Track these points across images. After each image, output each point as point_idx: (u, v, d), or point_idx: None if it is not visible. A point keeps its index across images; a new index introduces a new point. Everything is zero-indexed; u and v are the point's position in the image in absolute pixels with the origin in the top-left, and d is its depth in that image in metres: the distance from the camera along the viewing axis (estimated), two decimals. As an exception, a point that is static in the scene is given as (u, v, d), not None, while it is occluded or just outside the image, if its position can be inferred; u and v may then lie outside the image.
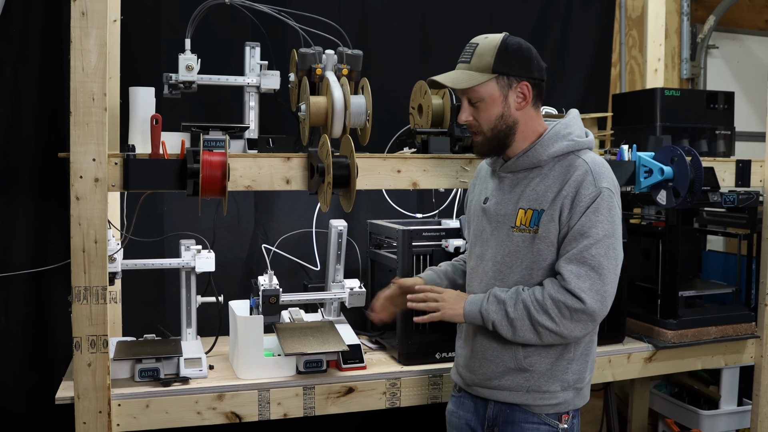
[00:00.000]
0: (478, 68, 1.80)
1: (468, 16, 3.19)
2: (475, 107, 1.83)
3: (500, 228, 1.86)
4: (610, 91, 3.59)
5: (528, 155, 1.83)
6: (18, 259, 2.59)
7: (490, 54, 1.78)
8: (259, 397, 2.21)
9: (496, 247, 1.86)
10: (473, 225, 1.98)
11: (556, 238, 1.78)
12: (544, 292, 1.75)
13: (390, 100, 2.88)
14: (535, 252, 1.80)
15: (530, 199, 1.81)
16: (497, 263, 1.85)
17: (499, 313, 1.79)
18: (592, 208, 1.74)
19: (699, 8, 3.91)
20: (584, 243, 1.73)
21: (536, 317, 1.75)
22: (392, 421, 3.02)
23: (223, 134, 2.21)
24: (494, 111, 1.81)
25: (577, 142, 1.83)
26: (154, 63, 2.72)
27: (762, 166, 2.85)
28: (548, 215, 1.78)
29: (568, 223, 1.76)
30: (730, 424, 3.21)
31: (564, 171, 1.80)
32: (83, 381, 1.99)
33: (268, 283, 2.34)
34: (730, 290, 2.97)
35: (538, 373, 1.82)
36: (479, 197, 1.97)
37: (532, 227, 1.79)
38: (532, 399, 1.83)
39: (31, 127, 2.60)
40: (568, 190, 1.76)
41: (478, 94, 1.81)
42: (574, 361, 1.84)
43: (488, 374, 1.87)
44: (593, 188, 1.75)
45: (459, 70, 1.84)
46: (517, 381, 1.84)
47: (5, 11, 2.53)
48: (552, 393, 1.83)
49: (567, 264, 1.74)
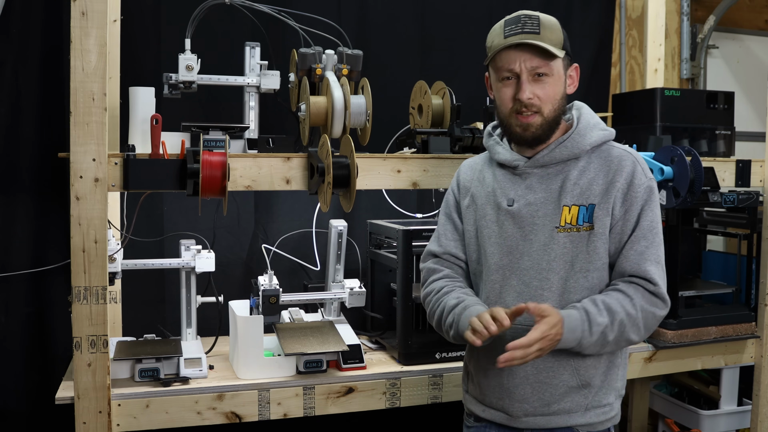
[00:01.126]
0: (551, 41, 1.62)
1: (468, 16, 3.19)
2: (540, 83, 1.63)
3: (538, 231, 1.66)
4: (610, 91, 3.59)
5: (566, 145, 1.67)
6: (18, 259, 2.59)
7: (559, 29, 1.65)
8: (259, 397, 2.21)
9: (535, 253, 1.66)
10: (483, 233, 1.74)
11: (608, 232, 1.64)
12: (636, 305, 1.61)
13: (390, 100, 2.87)
14: (591, 251, 1.64)
15: (574, 194, 1.65)
16: (542, 270, 1.65)
17: (599, 342, 1.60)
18: (652, 201, 1.65)
19: (699, 8, 3.91)
20: (656, 241, 1.65)
21: (627, 335, 1.62)
22: (392, 421, 3.02)
23: (223, 134, 2.21)
24: (560, 89, 1.66)
25: (608, 131, 1.72)
26: (154, 63, 2.72)
27: (762, 166, 2.85)
28: (603, 209, 1.63)
29: (625, 216, 1.64)
30: (730, 424, 3.21)
31: (605, 161, 1.67)
32: (83, 381, 1.99)
33: (268, 283, 2.34)
34: (730, 290, 2.97)
35: (596, 386, 1.67)
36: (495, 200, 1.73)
37: (582, 225, 1.63)
38: (593, 416, 1.67)
39: (31, 127, 2.60)
40: (621, 182, 1.64)
41: (551, 69, 1.63)
42: (621, 366, 1.73)
43: (546, 399, 1.65)
44: (646, 180, 1.66)
45: (536, 40, 1.61)
46: (576, 400, 1.66)
47: (5, 11, 2.53)
48: (610, 405, 1.70)
49: (650, 265, 1.63)
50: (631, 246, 1.64)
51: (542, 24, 1.63)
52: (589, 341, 1.59)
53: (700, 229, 3.27)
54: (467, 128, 2.45)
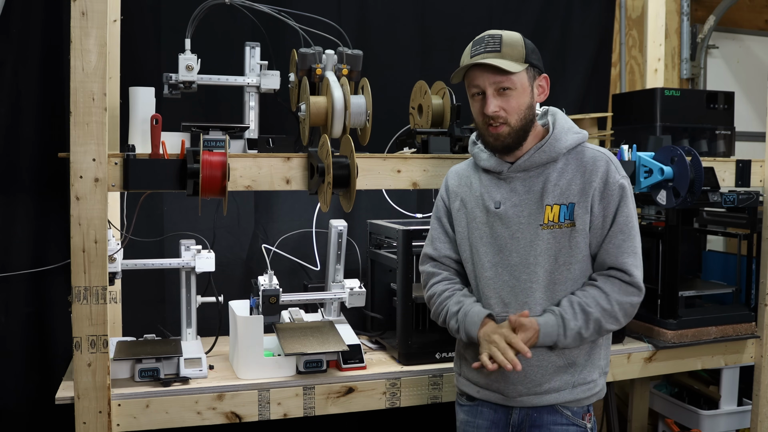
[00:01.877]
0: (512, 57, 1.78)
1: (468, 16, 3.19)
2: (504, 97, 1.79)
3: (525, 229, 1.82)
4: (610, 91, 3.59)
5: (544, 150, 1.83)
6: (18, 259, 2.59)
7: (520, 45, 1.80)
8: (259, 397, 2.21)
9: (523, 249, 1.82)
10: (474, 234, 1.89)
11: (588, 228, 1.81)
12: (611, 299, 1.79)
13: (390, 100, 2.87)
14: (573, 246, 1.80)
15: (554, 194, 1.81)
16: (529, 265, 1.81)
17: (574, 340, 1.79)
18: (626, 197, 1.82)
19: (699, 8, 3.91)
20: (632, 234, 1.81)
21: (605, 327, 1.80)
22: (392, 421, 3.02)
23: (223, 134, 2.21)
24: (525, 100, 1.81)
25: (582, 134, 1.87)
26: (154, 63, 2.72)
27: (762, 166, 2.85)
28: (582, 207, 1.80)
29: (604, 213, 1.80)
30: (730, 424, 3.21)
31: (580, 162, 1.83)
32: (83, 381, 1.99)
33: (268, 283, 2.34)
34: (730, 290, 2.97)
35: (581, 365, 1.84)
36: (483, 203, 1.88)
37: (565, 221, 1.80)
38: (580, 392, 1.84)
39: (31, 127, 2.60)
40: (597, 182, 1.80)
41: (511, 83, 1.78)
42: (604, 345, 1.89)
43: (538, 380, 1.82)
44: (619, 178, 1.82)
45: (494, 58, 1.77)
46: (564, 379, 1.83)
47: (5, 11, 2.53)
48: (594, 382, 1.86)
49: (627, 257, 1.80)
50: (610, 240, 1.81)
51: (504, 42, 1.79)
52: (564, 343, 1.79)
53: (700, 229, 3.27)
54: (467, 128, 2.46)
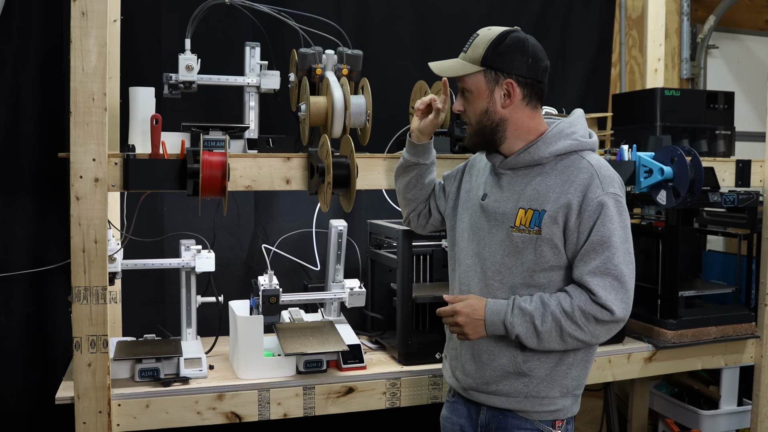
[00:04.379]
0: (470, 59, 1.78)
1: (468, 16, 3.19)
2: (464, 98, 1.82)
3: (499, 227, 1.79)
4: (610, 91, 3.59)
5: (529, 152, 1.77)
6: (18, 259, 2.59)
7: (483, 46, 1.75)
8: (259, 397, 2.21)
9: (495, 246, 1.80)
10: (467, 217, 1.90)
11: (561, 241, 1.73)
12: (573, 303, 1.70)
13: (390, 100, 2.87)
14: (538, 254, 1.74)
15: (530, 198, 1.75)
16: (496, 263, 1.79)
17: (525, 326, 1.71)
18: (605, 215, 1.69)
19: (699, 8, 3.91)
20: (606, 254, 1.69)
21: (566, 329, 1.69)
22: (392, 421, 3.02)
23: (223, 134, 2.21)
24: (479, 105, 1.78)
25: (580, 141, 1.78)
26: (154, 63, 2.72)
27: (762, 166, 2.85)
28: (550, 216, 1.72)
29: (579, 229, 1.71)
30: (730, 424, 3.21)
31: (566, 171, 1.75)
32: (83, 381, 1.99)
33: (268, 283, 2.34)
34: (730, 290, 2.97)
35: (537, 378, 1.77)
36: (476, 191, 1.89)
37: (533, 228, 1.73)
38: (530, 405, 1.78)
39: (31, 127, 2.60)
40: (574, 194, 1.71)
41: (467, 85, 1.79)
42: (574, 366, 1.79)
43: (485, 378, 1.81)
44: (601, 193, 1.70)
45: (456, 59, 1.82)
46: (515, 386, 1.78)
47: (5, 11, 2.53)
48: (551, 399, 1.78)
49: (592, 277, 1.69)
50: (581, 258, 1.72)
51: (474, 42, 1.79)
52: (512, 324, 1.72)
53: (700, 229, 3.27)
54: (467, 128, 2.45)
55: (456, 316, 1.77)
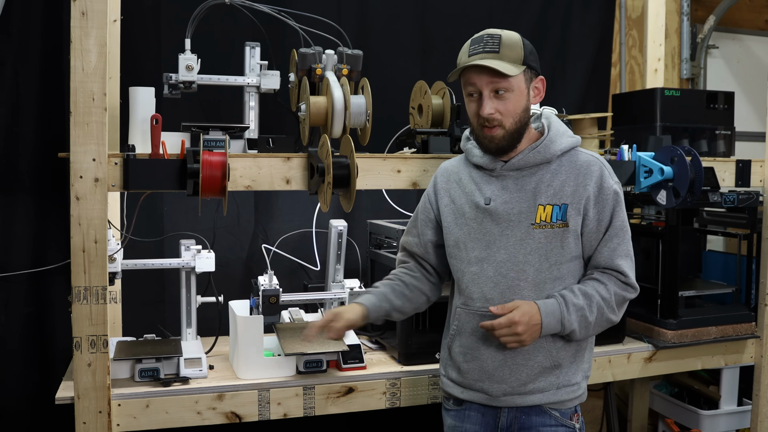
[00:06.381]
0: (510, 59, 1.75)
1: (468, 16, 3.19)
2: (500, 99, 1.77)
3: (515, 227, 1.81)
4: (610, 91, 3.59)
5: (539, 151, 1.82)
6: (18, 259, 2.59)
7: (519, 46, 1.77)
8: (259, 397, 2.21)
9: (513, 247, 1.81)
10: (463, 229, 1.88)
11: (580, 230, 1.82)
12: (610, 289, 1.82)
13: (390, 100, 2.88)
14: (564, 246, 1.81)
15: (548, 194, 1.81)
16: (519, 263, 1.80)
17: (579, 321, 1.78)
18: (619, 204, 1.84)
19: (699, 8, 3.91)
20: (625, 237, 1.85)
21: (606, 315, 1.82)
22: (392, 421, 3.02)
23: (223, 134, 2.21)
24: (521, 103, 1.79)
25: (575, 138, 1.88)
26: (154, 63, 2.72)
27: (762, 166, 2.85)
28: (574, 208, 1.80)
29: (599, 217, 1.82)
30: (730, 424, 3.21)
31: (574, 166, 1.83)
32: (83, 381, 1.99)
33: (268, 283, 2.34)
34: (730, 290, 2.97)
35: (566, 366, 1.84)
36: (471, 199, 1.87)
37: (557, 222, 1.80)
38: (561, 395, 1.83)
39: (31, 127, 2.60)
40: (592, 186, 1.81)
41: (510, 85, 1.76)
42: (587, 348, 1.90)
43: (522, 379, 1.81)
44: (613, 183, 1.84)
45: (493, 60, 1.74)
46: (549, 380, 1.82)
47: (5, 11, 2.53)
48: (577, 385, 1.87)
49: (622, 260, 1.83)
50: (605, 243, 1.84)
51: (503, 43, 1.76)
52: (570, 321, 1.78)
53: (700, 229, 3.27)
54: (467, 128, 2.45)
55: (514, 327, 1.73)
